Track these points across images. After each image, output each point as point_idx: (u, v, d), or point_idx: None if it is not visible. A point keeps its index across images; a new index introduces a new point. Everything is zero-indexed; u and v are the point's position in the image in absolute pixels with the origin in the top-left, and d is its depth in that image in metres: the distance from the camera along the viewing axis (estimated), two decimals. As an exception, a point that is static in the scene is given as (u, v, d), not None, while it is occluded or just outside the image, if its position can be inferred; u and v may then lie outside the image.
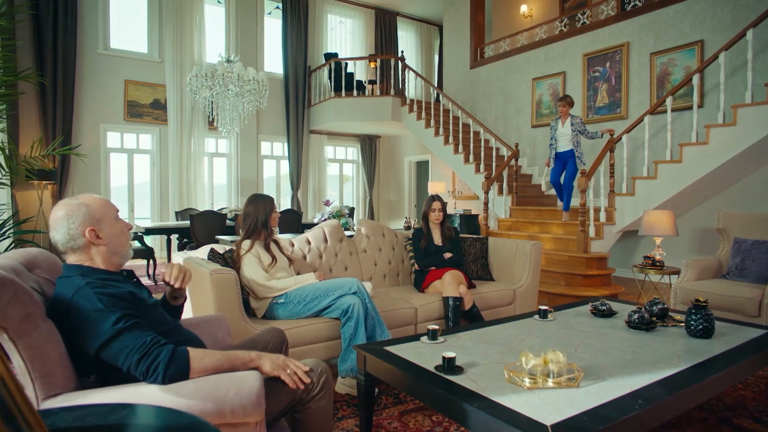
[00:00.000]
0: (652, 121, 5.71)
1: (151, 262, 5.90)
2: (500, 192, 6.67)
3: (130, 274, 1.56)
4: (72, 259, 1.42)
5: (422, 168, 10.72)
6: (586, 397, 1.55)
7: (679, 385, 1.67)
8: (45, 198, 7.17)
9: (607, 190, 5.60)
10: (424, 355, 1.99)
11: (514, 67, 8.08)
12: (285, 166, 9.90)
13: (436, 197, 3.70)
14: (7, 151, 3.48)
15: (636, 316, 2.36)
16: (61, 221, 1.39)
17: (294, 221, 6.02)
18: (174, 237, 6.51)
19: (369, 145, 10.82)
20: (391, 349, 2.07)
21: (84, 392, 1.24)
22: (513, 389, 1.63)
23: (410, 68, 8.62)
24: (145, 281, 5.96)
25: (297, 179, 9.75)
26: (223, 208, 7.07)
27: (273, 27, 9.61)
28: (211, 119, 7.28)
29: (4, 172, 3.22)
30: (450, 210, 8.75)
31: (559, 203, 6.04)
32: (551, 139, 5.93)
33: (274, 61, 9.64)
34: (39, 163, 3.33)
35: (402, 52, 8.99)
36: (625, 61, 6.45)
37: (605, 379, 1.71)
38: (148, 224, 7.19)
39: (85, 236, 1.39)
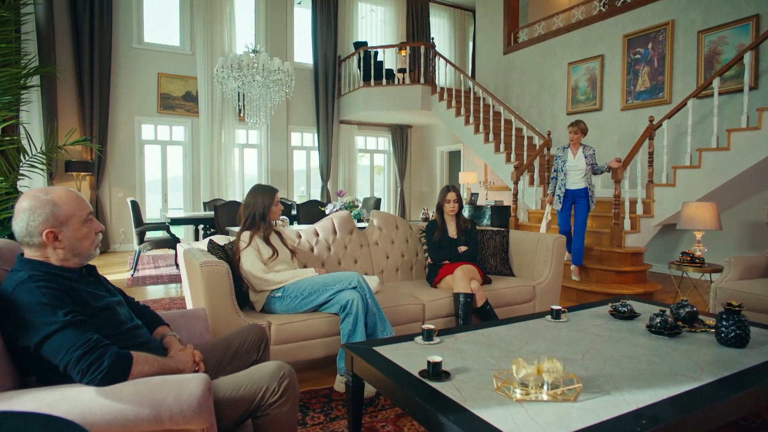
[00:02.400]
0: (697, 105, 5.28)
1: (176, 251, 5.99)
2: (531, 182, 6.36)
3: (91, 271, 1.49)
4: (27, 253, 1.36)
5: (454, 158, 10.45)
6: (581, 414, 1.37)
7: (694, 404, 1.45)
8: (83, 188, 7.44)
9: (645, 181, 5.22)
10: (414, 357, 1.85)
11: (550, 51, 7.68)
12: (315, 157, 9.88)
13: (450, 187, 3.52)
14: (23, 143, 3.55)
15: (658, 319, 2.12)
16: (23, 213, 1.33)
17: (318, 212, 5.96)
18: (201, 227, 6.60)
19: (400, 134, 10.64)
20: (379, 349, 1.94)
21: (18, 392, 1.17)
22: (500, 401, 1.47)
23: (440, 55, 8.36)
24: (173, 270, 6.07)
25: (327, 170, 9.71)
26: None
27: (303, 17, 9.55)
28: (239, 110, 7.30)
29: (23, 162, 3.28)
30: (481, 201, 8.49)
31: (567, 255, 4.78)
32: (554, 171, 4.87)
33: (303, 51, 9.60)
34: (55, 155, 3.37)
35: (432, 39, 8.74)
36: (669, 41, 5.98)
37: (609, 393, 1.52)
38: (181, 214, 7.36)
39: (41, 236, 1.32)
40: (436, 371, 1.64)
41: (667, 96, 6.00)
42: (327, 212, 4.12)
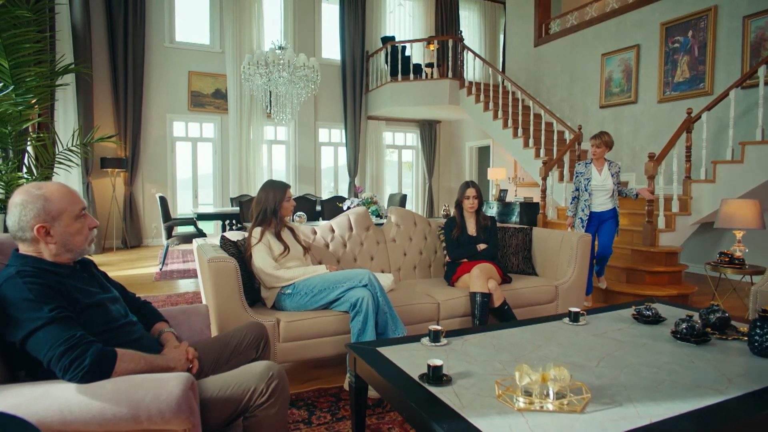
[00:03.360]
0: (741, 96, 4.96)
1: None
2: (561, 178, 6.14)
3: (86, 266, 1.49)
4: (21, 248, 1.37)
5: (483, 154, 10.25)
6: (586, 427, 1.27)
7: (716, 420, 1.33)
8: (117, 184, 7.68)
9: (682, 176, 4.95)
10: (417, 359, 1.77)
11: (582, 42, 7.39)
12: (342, 153, 9.87)
13: (470, 183, 3.41)
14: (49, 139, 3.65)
15: (685, 325, 1.97)
16: (15, 208, 1.33)
17: (339, 208, 5.95)
18: (227, 222, 6.69)
19: (429, 130, 10.51)
20: (382, 349, 1.87)
21: (4, 387, 1.17)
22: (501, 409, 1.38)
23: (469, 49, 8.19)
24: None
25: (354, 166, 9.70)
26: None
27: (331, 12, 9.54)
28: (265, 107, 7.36)
29: (46, 160, 3.37)
30: (510, 197, 8.28)
31: (598, 283, 4.36)
32: (576, 191, 4.24)
33: (331, 47, 9.59)
34: (81, 152, 3.46)
35: (460, 32, 8.57)
36: (711, 28, 5.63)
37: (620, 405, 1.40)
38: (211, 210, 7.50)
39: (33, 231, 1.32)
40: (436, 375, 1.56)
41: (708, 86, 5.66)
42: (345, 208, 4.07)
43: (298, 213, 4.12)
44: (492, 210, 7.81)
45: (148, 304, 1.74)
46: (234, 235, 2.86)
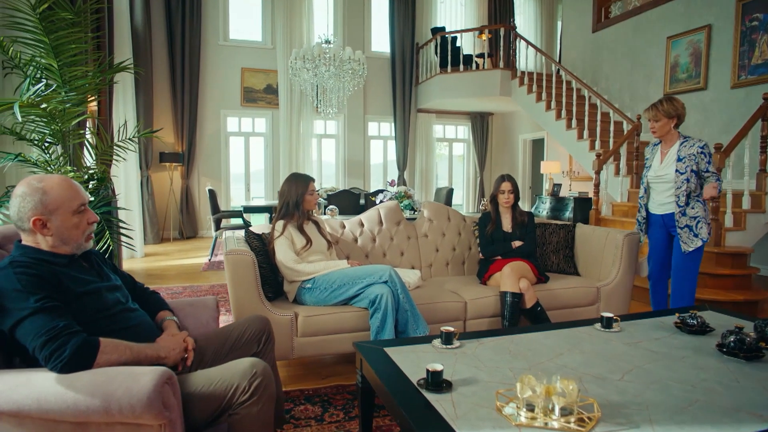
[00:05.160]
0: (829, 78, 4.37)
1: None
2: (617, 172, 5.74)
3: (87, 256, 1.51)
4: (23, 238, 1.41)
5: (537, 146, 9.82)
6: (589, 451, 1.13)
7: (750, 452, 1.14)
8: (175, 178, 8.06)
9: (756, 170, 4.45)
10: (424, 362, 1.67)
11: (645, 25, 6.85)
12: (392, 147, 9.81)
13: (506, 177, 3.23)
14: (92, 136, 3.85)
15: (733, 337, 1.73)
16: (15, 199, 1.37)
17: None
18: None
19: (480, 122, 10.21)
20: (390, 350, 1.79)
21: (-9, 373, 1.20)
22: (497, 423, 1.26)
23: (521, 37, 7.84)
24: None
25: (404, 159, 9.61)
26: (317, 190, 7.22)
27: (380, 5, 9.47)
28: (312, 101, 7.43)
29: (98, 153, 3.55)
30: (564, 192, 7.88)
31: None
32: (642, 183, 3.14)
33: (381, 40, 9.53)
34: (125, 147, 3.62)
35: (512, 20, 8.23)
36: (796, 4, 5.02)
37: (636, 426, 1.24)
38: (262, 203, 7.71)
39: (29, 222, 1.36)
40: (435, 381, 1.46)
41: (791, 69, 5.06)
42: (377, 202, 4.01)
43: (330, 206, 4.10)
44: (544, 205, 7.46)
45: (156, 294, 1.76)
46: (259, 228, 2.87)
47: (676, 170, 2.87)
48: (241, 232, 2.85)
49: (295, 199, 2.67)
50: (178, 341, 1.49)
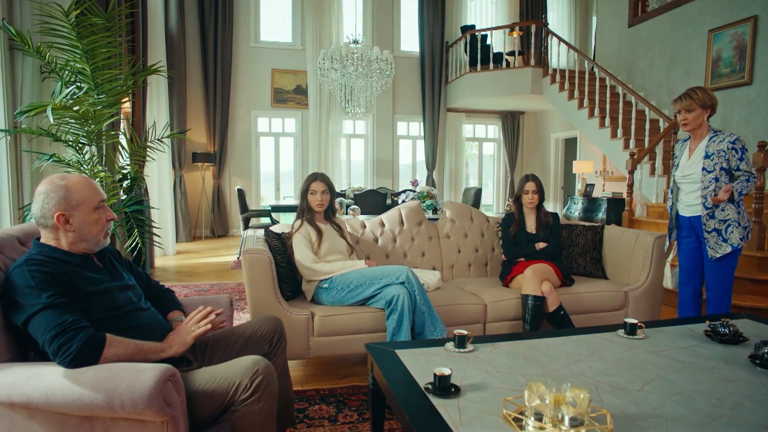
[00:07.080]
0: None
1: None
2: (652, 172, 5.51)
3: (101, 255, 1.55)
4: (42, 235, 1.45)
5: (570, 146, 9.56)
6: (598, 465, 1.07)
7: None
8: (207, 177, 8.26)
9: (804, 170, 4.17)
10: (434, 365, 1.63)
11: (685, 18, 6.55)
12: (421, 146, 9.75)
13: (530, 177, 3.14)
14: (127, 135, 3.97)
15: (767, 349, 1.63)
16: (38, 197, 1.42)
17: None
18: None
19: (511, 122, 10.03)
20: (401, 352, 1.77)
21: (6, 365, 1.25)
22: (503, 431, 1.22)
23: (554, 34, 7.64)
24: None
25: (432, 159, 9.54)
26: (344, 190, 7.25)
27: (409, 4, 9.43)
28: (340, 101, 7.46)
29: (130, 152, 3.67)
30: (597, 193, 7.64)
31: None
32: (672, 182, 2.90)
33: (410, 39, 9.49)
34: (154, 147, 3.73)
35: (544, 17, 8.04)
36: None
37: (652, 441, 1.17)
38: (291, 202, 7.80)
39: (53, 218, 1.40)
40: (442, 385, 1.42)
41: None
42: (399, 202, 3.97)
43: (352, 206, 4.09)
44: (576, 206, 7.25)
45: (170, 292, 1.79)
46: (279, 228, 2.89)
47: (703, 168, 2.64)
48: (262, 231, 2.88)
49: (303, 198, 2.71)
50: (180, 333, 1.50)
